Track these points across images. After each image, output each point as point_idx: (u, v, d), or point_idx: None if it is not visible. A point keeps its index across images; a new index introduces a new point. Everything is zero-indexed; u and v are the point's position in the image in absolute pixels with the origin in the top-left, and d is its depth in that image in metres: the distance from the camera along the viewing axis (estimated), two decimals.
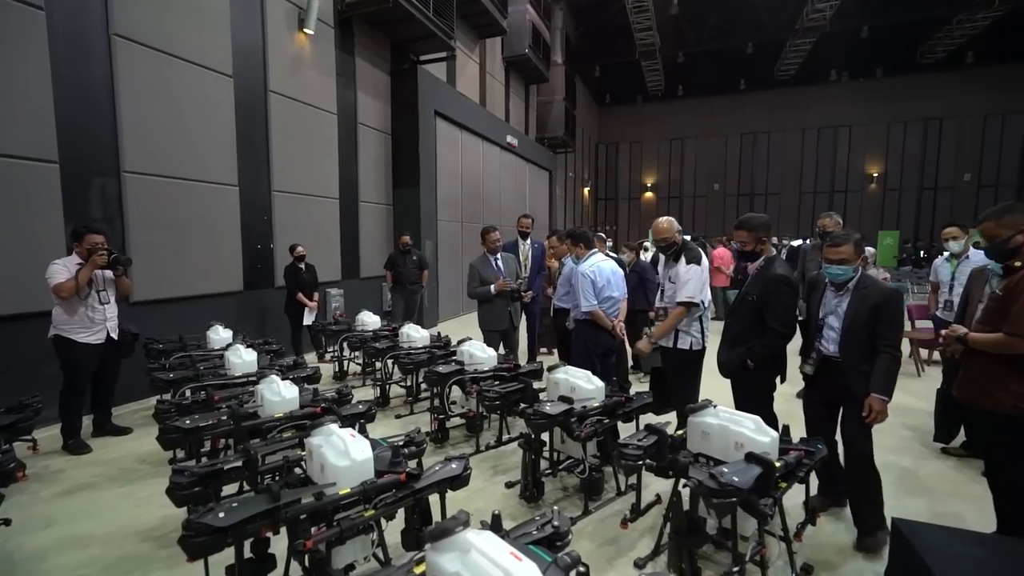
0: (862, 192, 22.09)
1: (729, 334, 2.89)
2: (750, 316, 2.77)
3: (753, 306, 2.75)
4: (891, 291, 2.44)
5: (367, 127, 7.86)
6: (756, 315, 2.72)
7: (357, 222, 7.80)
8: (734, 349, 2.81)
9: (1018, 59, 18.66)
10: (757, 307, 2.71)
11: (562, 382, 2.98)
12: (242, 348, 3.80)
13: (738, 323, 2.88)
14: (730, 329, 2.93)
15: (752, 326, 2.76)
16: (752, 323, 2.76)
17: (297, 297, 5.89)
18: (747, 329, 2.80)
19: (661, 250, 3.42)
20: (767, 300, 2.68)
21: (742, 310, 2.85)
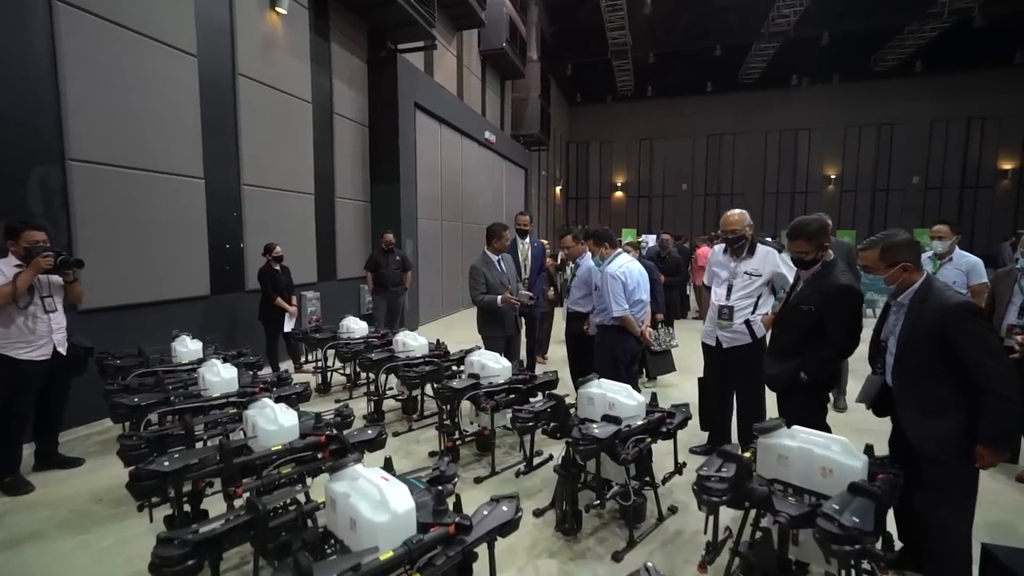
0: (821, 193, 22.94)
1: (778, 346, 2.66)
2: (804, 327, 2.54)
3: (809, 317, 2.52)
4: (952, 305, 1.92)
5: (343, 118, 7.34)
6: (812, 326, 2.50)
7: (334, 220, 7.27)
8: (784, 362, 2.58)
9: (959, 69, 19.81)
10: (814, 318, 2.49)
11: (598, 397, 2.69)
12: (219, 363, 3.31)
13: (789, 334, 2.64)
14: (779, 341, 2.70)
15: (805, 338, 2.54)
16: (806, 335, 2.54)
17: (276, 301, 5.36)
18: (800, 341, 2.57)
19: (728, 243, 3.25)
20: (829, 312, 2.45)
21: (794, 320, 2.61)
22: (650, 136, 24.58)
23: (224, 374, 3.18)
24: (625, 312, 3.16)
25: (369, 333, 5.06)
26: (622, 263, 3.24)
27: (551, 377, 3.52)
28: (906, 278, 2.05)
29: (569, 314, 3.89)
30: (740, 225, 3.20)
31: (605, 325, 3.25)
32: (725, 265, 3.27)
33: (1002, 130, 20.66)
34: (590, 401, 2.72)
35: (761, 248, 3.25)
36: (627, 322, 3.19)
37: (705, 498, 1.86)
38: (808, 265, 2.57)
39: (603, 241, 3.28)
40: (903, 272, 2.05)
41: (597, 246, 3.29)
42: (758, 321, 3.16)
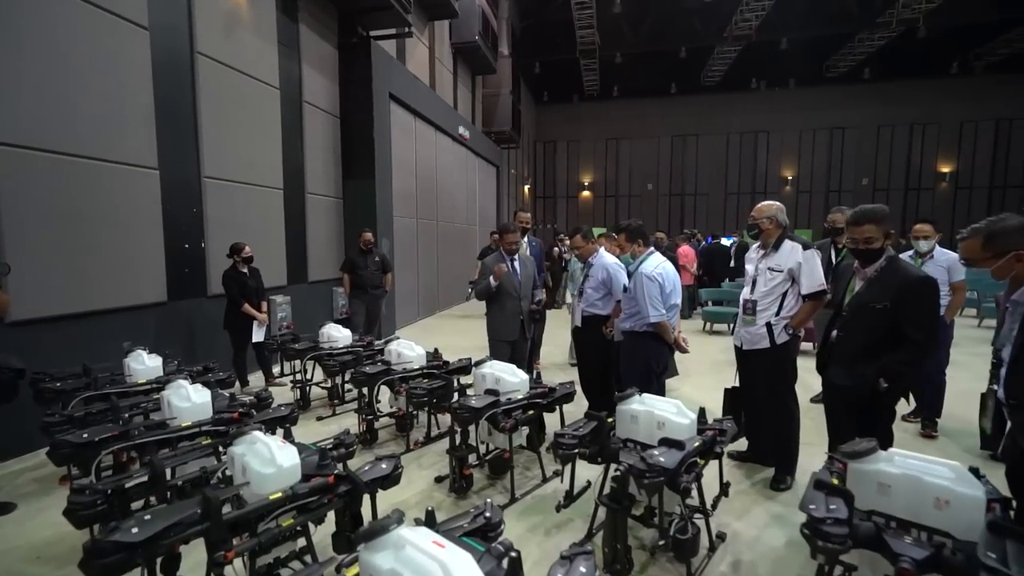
0: (779, 194, 23.73)
1: (846, 351, 2.41)
2: (878, 327, 2.32)
3: (883, 316, 2.30)
4: None
5: (314, 107, 6.76)
6: (886, 326, 2.28)
7: (304, 217, 6.68)
8: (858, 369, 2.35)
9: (903, 77, 20.95)
10: (889, 316, 2.27)
11: (643, 416, 2.38)
12: (186, 384, 2.79)
13: (860, 336, 2.39)
14: (847, 345, 2.44)
15: (880, 339, 2.32)
16: (880, 336, 2.32)
17: (244, 308, 4.78)
18: (874, 344, 2.34)
19: (750, 234, 3.12)
20: (909, 307, 2.23)
21: (865, 321, 2.36)
22: (616, 136, 24.76)
23: (195, 397, 2.67)
24: (662, 317, 2.88)
25: (356, 341, 4.58)
26: (657, 263, 2.96)
27: (568, 390, 3.21)
28: (1021, 270, 1.77)
29: (584, 318, 3.58)
30: (759, 215, 3.06)
31: (636, 331, 2.96)
32: (753, 260, 3.12)
33: (940, 136, 22.04)
34: (633, 420, 2.42)
35: (788, 243, 3.08)
36: (663, 328, 2.91)
37: (821, 545, 1.55)
38: (870, 257, 2.36)
39: (636, 238, 2.98)
40: (1017, 263, 1.77)
41: (629, 242, 2.99)
42: (781, 326, 2.97)
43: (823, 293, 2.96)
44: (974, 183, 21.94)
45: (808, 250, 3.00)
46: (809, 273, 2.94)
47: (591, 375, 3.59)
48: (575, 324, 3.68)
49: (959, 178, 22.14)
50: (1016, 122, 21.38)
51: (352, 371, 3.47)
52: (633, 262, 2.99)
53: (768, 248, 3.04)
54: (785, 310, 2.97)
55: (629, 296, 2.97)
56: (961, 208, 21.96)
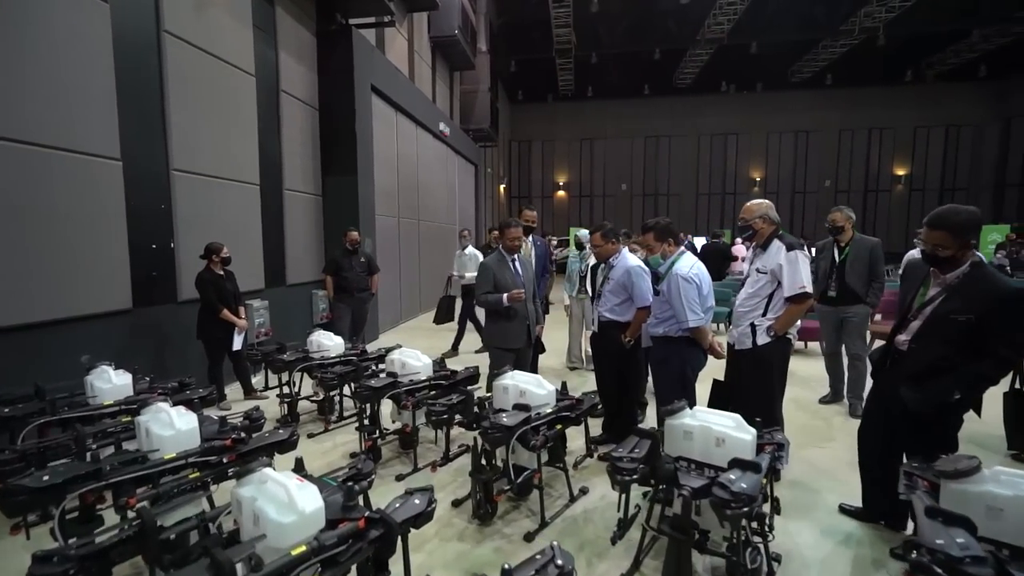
0: (748, 194, 24.33)
1: (920, 363, 2.25)
2: (957, 340, 2.16)
3: (965, 328, 2.13)
4: None
5: (292, 97, 6.30)
6: (966, 338, 2.13)
7: (282, 215, 6.22)
8: (931, 381, 2.19)
9: (862, 84, 21.79)
10: (971, 328, 2.12)
11: (698, 431, 2.16)
12: (167, 408, 2.39)
13: (936, 348, 2.22)
14: (920, 356, 2.27)
15: (958, 352, 2.16)
16: (959, 348, 2.16)
17: (223, 314, 4.32)
18: (951, 356, 2.18)
19: (739, 232, 3.10)
20: (996, 320, 2.08)
21: (944, 332, 2.20)
22: (591, 136, 24.82)
23: (180, 424, 2.28)
24: (701, 321, 2.69)
25: (349, 350, 4.21)
26: (691, 263, 2.76)
27: (594, 400, 2.97)
28: None
29: (602, 323, 3.35)
30: (751, 215, 3.02)
31: (671, 337, 2.75)
32: (749, 259, 3.09)
33: (896, 140, 23.08)
34: (687, 436, 2.20)
35: (774, 244, 3.00)
36: (701, 333, 2.72)
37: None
38: (944, 263, 2.20)
39: (666, 236, 2.77)
40: None
41: (659, 241, 2.77)
42: (764, 326, 2.90)
43: (806, 296, 2.87)
44: (926, 185, 23.06)
45: (792, 251, 2.90)
46: (791, 275, 2.85)
47: (608, 383, 3.36)
48: (592, 329, 3.45)
49: (913, 180, 23.23)
50: (963, 128, 22.60)
51: (354, 385, 3.12)
52: (663, 263, 2.78)
53: (756, 248, 3.01)
54: (772, 312, 2.91)
55: (661, 299, 2.76)
56: (915, 209, 22.99)
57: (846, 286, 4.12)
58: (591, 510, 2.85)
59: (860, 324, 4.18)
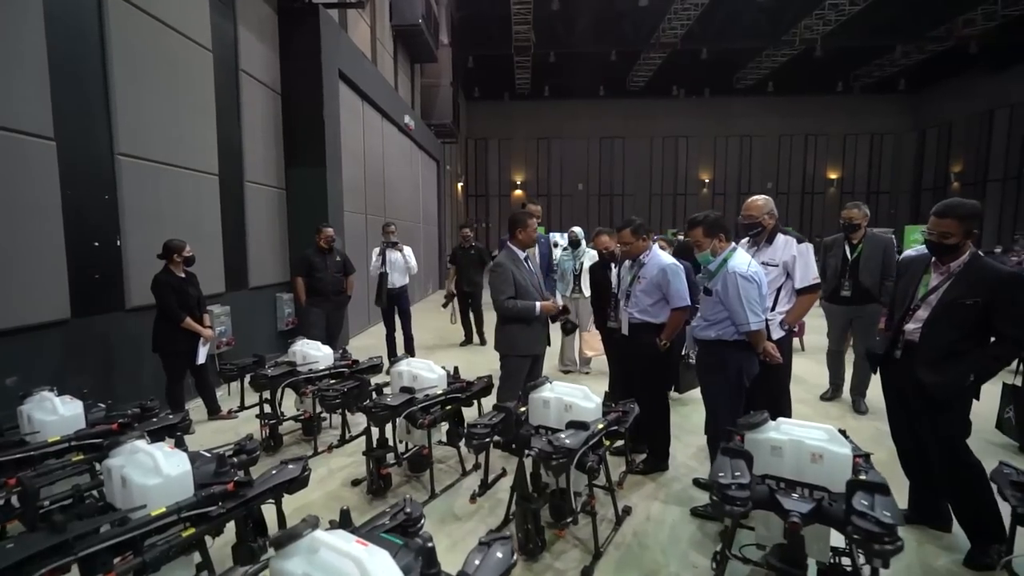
0: (697, 196, 25.26)
1: (934, 348, 2.30)
2: (967, 324, 2.25)
3: (973, 312, 2.22)
4: None
5: (252, 79, 5.65)
6: (976, 322, 2.22)
7: (243, 210, 5.56)
8: (947, 365, 2.26)
9: (800, 92, 23.14)
10: (979, 312, 2.20)
11: (788, 447, 1.96)
12: (143, 445, 1.89)
13: (948, 334, 2.29)
14: (933, 343, 2.32)
15: (969, 336, 2.25)
16: (969, 332, 2.25)
17: (185, 323, 3.71)
18: (962, 340, 2.26)
19: (745, 230, 3.11)
20: (1002, 303, 2.17)
21: (953, 317, 2.27)
22: (547, 136, 24.83)
23: (168, 467, 1.79)
24: (762, 324, 2.50)
25: (336, 360, 3.73)
26: (748, 260, 2.56)
27: (631, 408, 2.72)
28: None
29: (633, 326, 3.10)
30: (759, 212, 3.06)
31: (725, 341, 2.54)
32: None
33: (829, 146, 24.71)
34: (775, 452, 1.98)
35: (781, 237, 3.10)
36: (760, 337, 2.53)
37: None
38: (945, 251, 2.29)
39: (717, 231, 2.56)
40: None
41: (708, 237, 2.55)
42: (777, 320, 2.94)
43: (817, 287, 3.01)
44: (855, 189, 24.81)
45: (802, 244, 3.04)
46: (804, 267, 2.97)
47: (638, 390, 3.10)
48: (622, 332, 3.19)
49: (844, 184, 24.93)
50: (886, 136, 24.54)
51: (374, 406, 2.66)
52: (713, 260, 2.57)
53: (760, 243, 3.03)
54: (780, 305, 2.97)
55: (713, 300, 2.55)
56: None
57: (859, 285, 4.06)
58: (640, 532, 2.60)
59: (873, 323, 4.15)
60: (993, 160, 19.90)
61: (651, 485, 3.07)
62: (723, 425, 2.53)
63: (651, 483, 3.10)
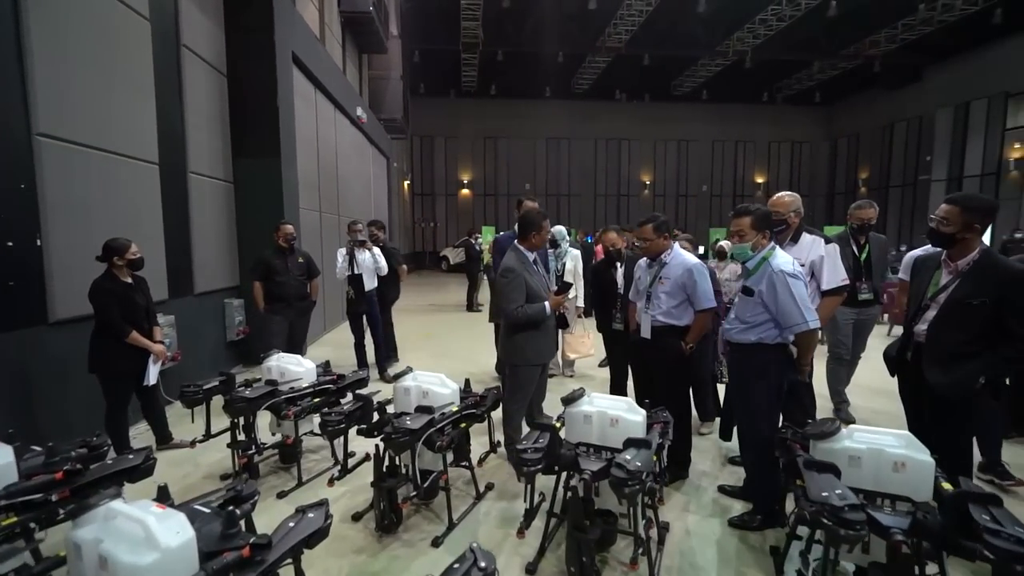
0: (639, 197, 26.12)
1: (941, 350, 2.25)
2: (976, 324, 2.18)
3: (980, 312, 2.16)
4: None
5: (195, 56, 4.96)
6: (985, 322, 2.16)
7: (187, 205, 4.86)
8: (956, 367, 2.20)
9: (730, 100, 24.55)
10: (987, 312, 2.14)
11: (867, 455, 1.85)
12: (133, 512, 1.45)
13: (956, 334, 2.24)
14: (941, 343, 2.27)
15: (979, 336, 2.19)
16: (979, 332, 2.19)
17: (131, 338, 3.10)
18: (972, 340, 2.21)
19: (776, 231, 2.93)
20: (1010, 302, 2.11)
21: (960, 317, 2.22)
22: (494, 135, 24.64)
23: (164, 536, 1.36)
24: (819, 323, 2.39)
25: (320, 376, 3.27)
26: (789, 258, 2.45)
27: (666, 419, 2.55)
28: None
29: (656, 329, 2.94)
30: (786, 209, 3.01)
31: (766, 344, 2.42)
32: None
33: (756, 152, 26.44)
34: (853, 462, 1.88)
35: (807, 237, 3.06)
36: (813, 338, 2.42)
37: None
38: (942, 239, 2.26)
39: (763, 226, 2.43)
40: None
41: (756, 230, 2.41)
42: None
43: (844, 288, 2.96)
44: (779, 191, 26.68)
45: (830, 244, 3.00)
46: (832, 267, 2.93)
47: (664, 396, 2.94)
48: (643, 335, 3.02)
49: (770, 187, 26.73)
50: (804, 144, 26.65)
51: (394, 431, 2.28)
52: (752, 256, 2.45)
53: (785, 242, 2.98)
54: None
55: (753, 301, 2.42)
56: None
57: (873, 287, 3.85)
58: (687, 551, 2.44)
59: (872, 325, 4.04)
60: (894, 168, 22.15)
61: (677, 495, 2.93)
62: (767, 434, 2.44)
63: (676, 493, 2.96)
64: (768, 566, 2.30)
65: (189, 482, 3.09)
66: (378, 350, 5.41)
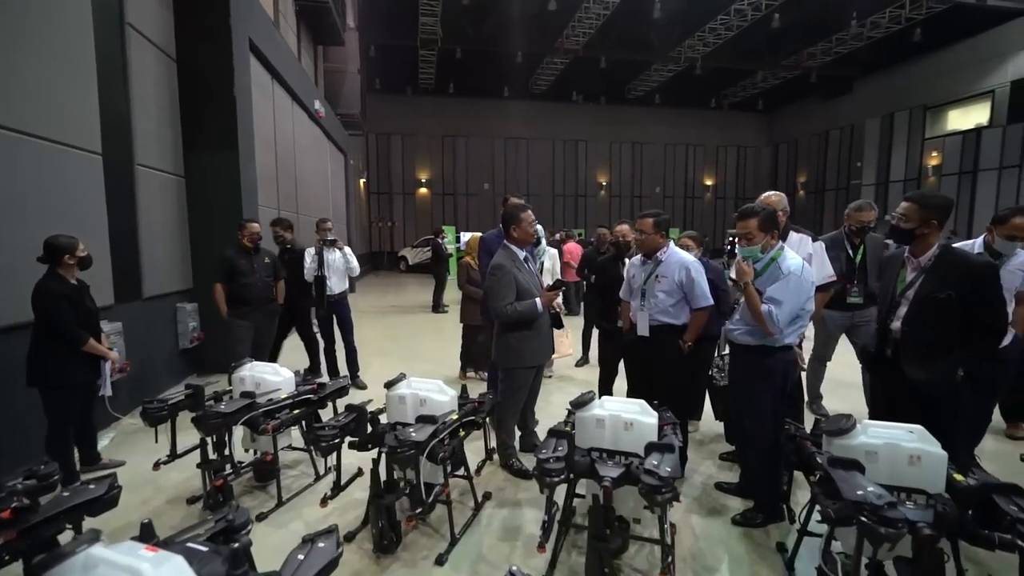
0: (596, 197, 26.59)
1: (917, 345, 2.27)
2: (946, 319, 2.21)
3: (948, 305, 2.19)
4: None
5: (142, 37, 4.51)
6: (954, 316, 2.18)
7: (134, 201, 4.41)
8: (933, 361, 2.23)
9: (682, 105, 25.40)
10: (955, 305, 2.17)
11: (884, 450, 1.88)
12: (125, 560, 1.23)
13: (928, 330, 2.25)
14: (916, 340, 2.29)
15: (951, 331, 2.22)
16: (951, 327, 2.21)
17: (88, 346, 2.74)
18: (946, 335, 2.23)
19: None
20: (978, 294, 2.15)
21: (930, 314, 2.24)
22: (453, 134, 24.34)
23: None
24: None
25: (301, 384, 3.03)
26: (800, 259, 2.45)
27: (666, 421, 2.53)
28: None
29: (655, 328, 2.90)
30: (775, 208, 2.93)
31: (770, 347, 2.41)
32: None
33: (705, 156, 27.52)
34: (870, 457, 1.90)
35: (795, 235, 3.13)
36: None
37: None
38: (903, 235, 2.31)
39: (771, 226, 2.44)
40: None
41: (763, 232, 2.41)
42: None
43: (833, 284, 3.09)
44: (726, 195, 27.94)
45: (817, 242, 3.13)
46: (820, 264, 3.03)
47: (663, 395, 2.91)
48: (641, 333, 2.99)
49: (717, 190, 27.93)
50: (749, 149, 28.00)
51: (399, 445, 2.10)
52: (762, 257, 2.46)
53: None
54: None
55: (763, 301, 2.43)
56: (720, 215, 27.61)
57: (867, 289, 3.66)
58: (697, 554, 2.41)
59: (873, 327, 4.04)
60: (829, 172, 23.68)
61: None
62: (772, 434, 2.45)
63: None
64: (776, 563, 2.31)
65: (151, 508, 2.77)
66: (349, 356, 5.14)
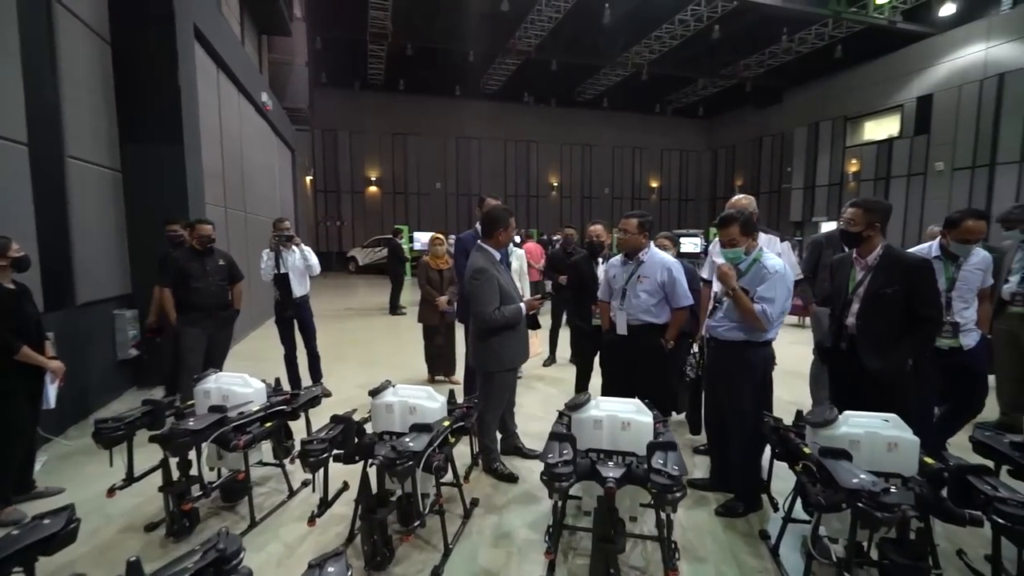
0: (547, 198, 26.94)
1: (871, 338, 2.49)
2: (893, 311, 2.44)
3: (893, 300, 2.43)
4: None
5: (72, 15, 4.07)
6: (899, 309, 2.42)
7: (65, 197, 3.97)
8: (886, 352, 2.45)
9: (628, 109, 26.22)
10: (900, 299, 2.41)
11: (865, 439, 2.00)
12: None
13: (880, 323, 2.48)
14: (869, 333, 2.52)
15: (898, 322, 2.45)
16: (897, 319, 2.44)
17: (22, 354, 2.42)
18: (894, 326, 2.45)
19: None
20: (917, 288, 2.41)
21: (880, 307, 2.47)
22: (403, 132, 23.84)
23: None
24: None
25: (273, 396, 2.83)
26: (777, 258, 2.58)
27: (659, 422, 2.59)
28: None
29: (635, 327, 2.96)
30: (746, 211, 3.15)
31: (752, 342, 2.53)
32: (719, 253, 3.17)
33: (651, 159, 28.55)
34: (853, 446, 2.01)
35: (763, 236, 3.26)
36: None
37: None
38: (851, 238, 2.55)
39: (749, 230, 2.55)
40: None
41: (744, 235, 2.51)
42: None
43: (799, 283, 3.24)
44: (671, 196, 29.15)
45: (785, 242, 3.32)
46: (790, 263, 3.17)
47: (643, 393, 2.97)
48: (620, 332, 3.03)
49: (663, 191, 29.07)
50: (691, 153, 29.31)
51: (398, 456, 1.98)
52: (744, 258, 2.57)
53: None
54: None
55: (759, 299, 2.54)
56: (664, 216, 28.71)
57: None
58: (688, 547, 2.48)
59: None
60: (763, 176, 25.24)
61: None
62: (753, 427, 2.56)
63: None
64: (762, 549, 2.42)
65: (103, 540, 2.50)
66: (312, 362, 4.89)
